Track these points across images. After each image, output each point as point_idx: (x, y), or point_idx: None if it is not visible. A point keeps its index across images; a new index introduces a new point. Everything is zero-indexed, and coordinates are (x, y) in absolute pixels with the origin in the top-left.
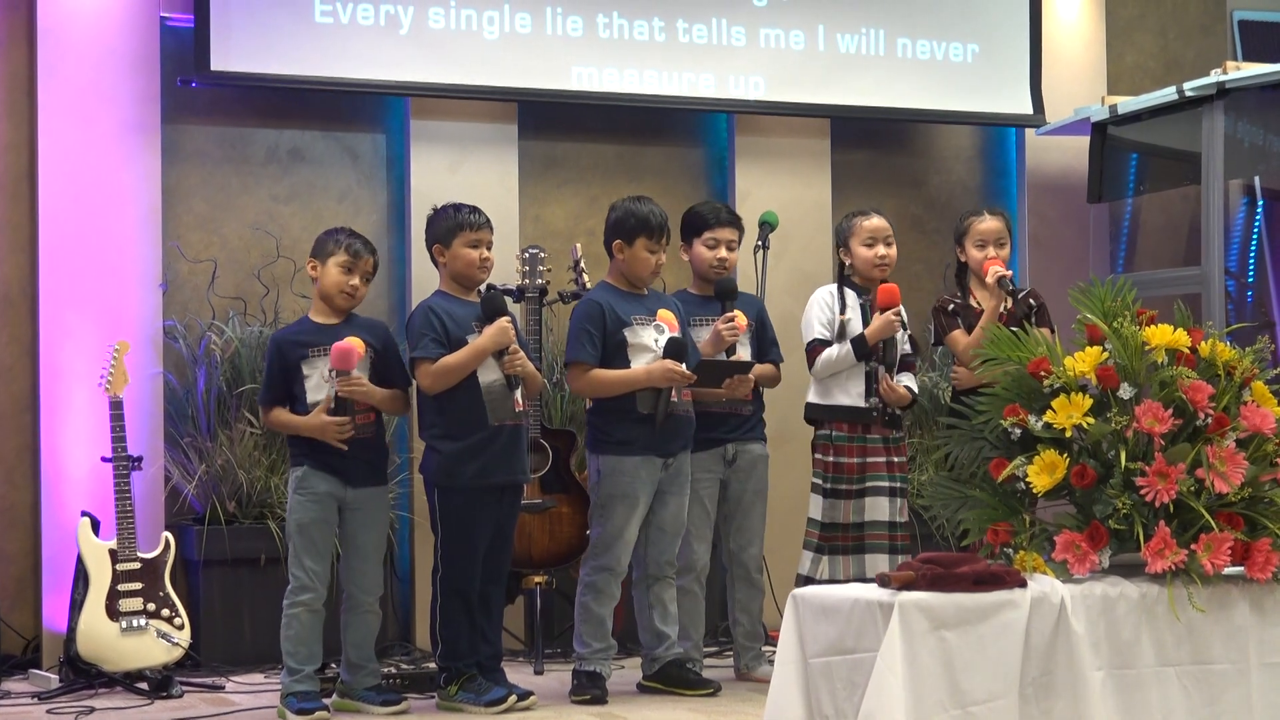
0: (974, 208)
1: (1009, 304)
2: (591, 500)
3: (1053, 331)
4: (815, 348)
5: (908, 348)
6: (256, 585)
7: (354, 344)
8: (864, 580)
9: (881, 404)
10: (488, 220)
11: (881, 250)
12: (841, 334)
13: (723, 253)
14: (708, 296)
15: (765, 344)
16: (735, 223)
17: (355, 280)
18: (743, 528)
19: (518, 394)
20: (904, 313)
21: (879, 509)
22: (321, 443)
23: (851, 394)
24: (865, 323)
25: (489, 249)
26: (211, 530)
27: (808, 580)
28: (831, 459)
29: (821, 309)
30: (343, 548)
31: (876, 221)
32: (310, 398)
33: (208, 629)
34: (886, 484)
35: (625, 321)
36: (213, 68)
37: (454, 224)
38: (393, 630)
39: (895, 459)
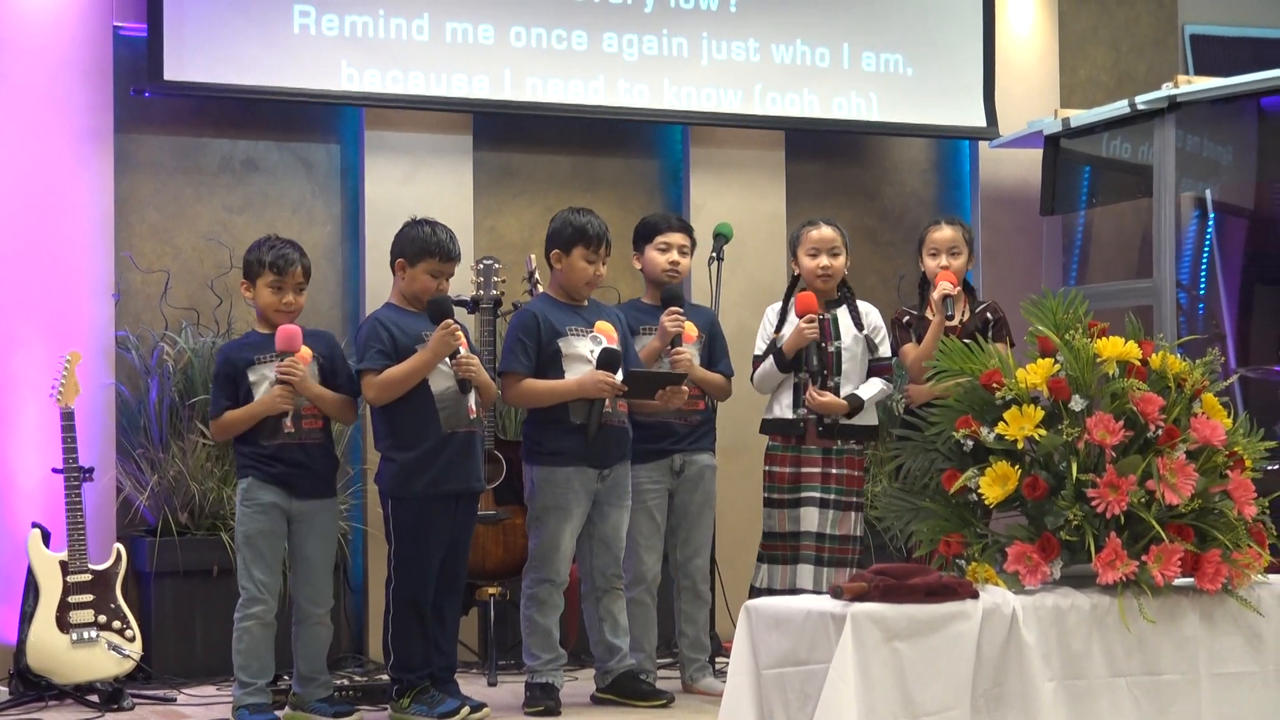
0: (934, 218)
1: (965, 316)
2: (528, 512)
3: (1011, 346)
4: (755, 363)
5: (885, 350)
6: (209, 597)
7: (298, 329)
8: (796, 590)
9: (812, 414)
10: (459, 255)
11: (825, 260)
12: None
13: (674, 255)
14: (660, 306)
15: (716, 355)
16: (686, 230)
17: (288, 297)
18: (689, 539)
19: (471, 400)
20: (846, 316)
21: (810, 519)
22: (267, 454)
23: (783, 405)
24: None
25: (448, 281)
26: (163, 541)
27: (752, 590)
28: (767, 468)
29: (764, 325)
30: (291, 560)
31: (820, 233)
32: None
33: (159, 641)
34: (819, 495)
35: (560, 332)
36: (166, 77)
37: (424, 248)
38: (346, 642)
39: (836, 470)
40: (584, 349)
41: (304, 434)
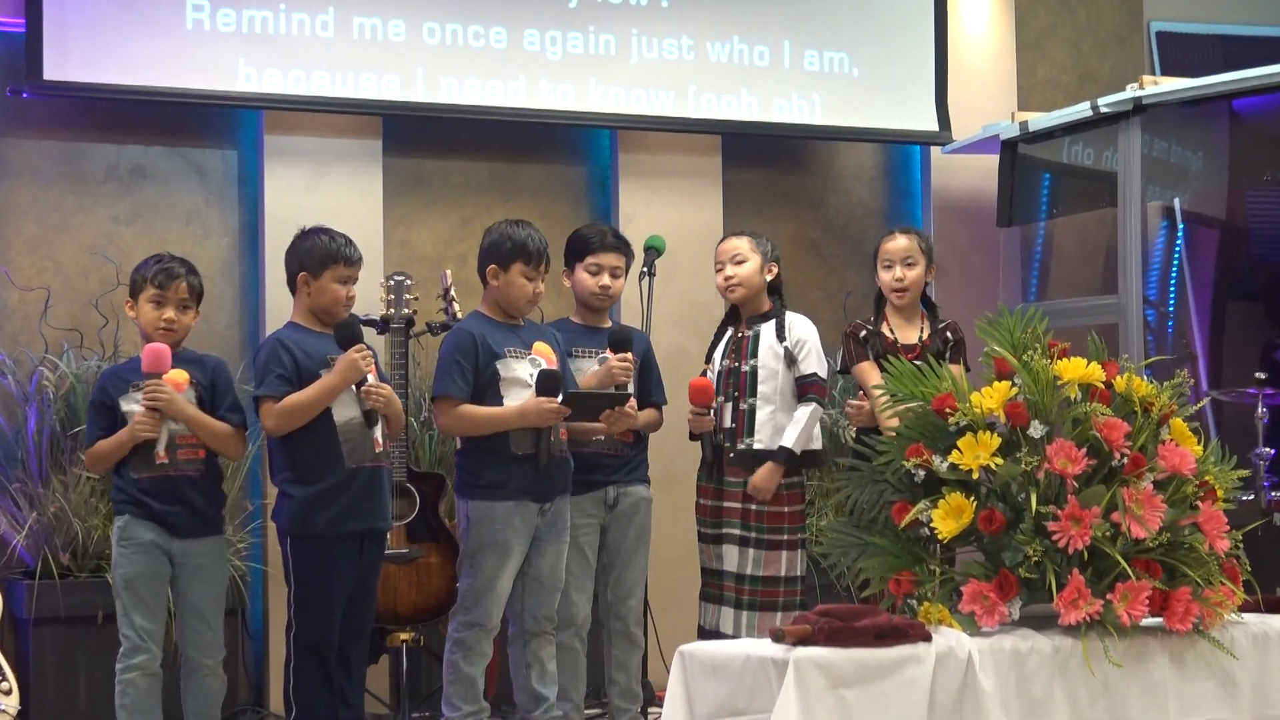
0: (889, 228)
1: (924, 336)
2: (461, 549)
3: (967, 370)
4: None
5: (810, 366)
6: (93, 645)
7: (167, 348)
8: (717, 633)
9: (727, 441)
10: (361, 257)
11: (730, 270)
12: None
13: (606, 280)
14: (591, 326)
15: (650, 385)
16: (621, 248)
17: (169, 313)
18: (623, 578)
19: (377, 432)
20: (770, 331)
21: (730, 558)
22: (141, 489)
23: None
24: (724, 354)
25: (354, 285)
26: (43, 585)
27: (701, 631)
28: (697, 499)
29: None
30: (176, 606)
31: (726, 241)
32: None
33: (39, 693)
34: (739, 532)
35: (498, 354)
36: (46, 77)
37: (328, 254)
38: (244, 693)
39: (756, 506)
40: (523, 372)
41: (180, 465)
